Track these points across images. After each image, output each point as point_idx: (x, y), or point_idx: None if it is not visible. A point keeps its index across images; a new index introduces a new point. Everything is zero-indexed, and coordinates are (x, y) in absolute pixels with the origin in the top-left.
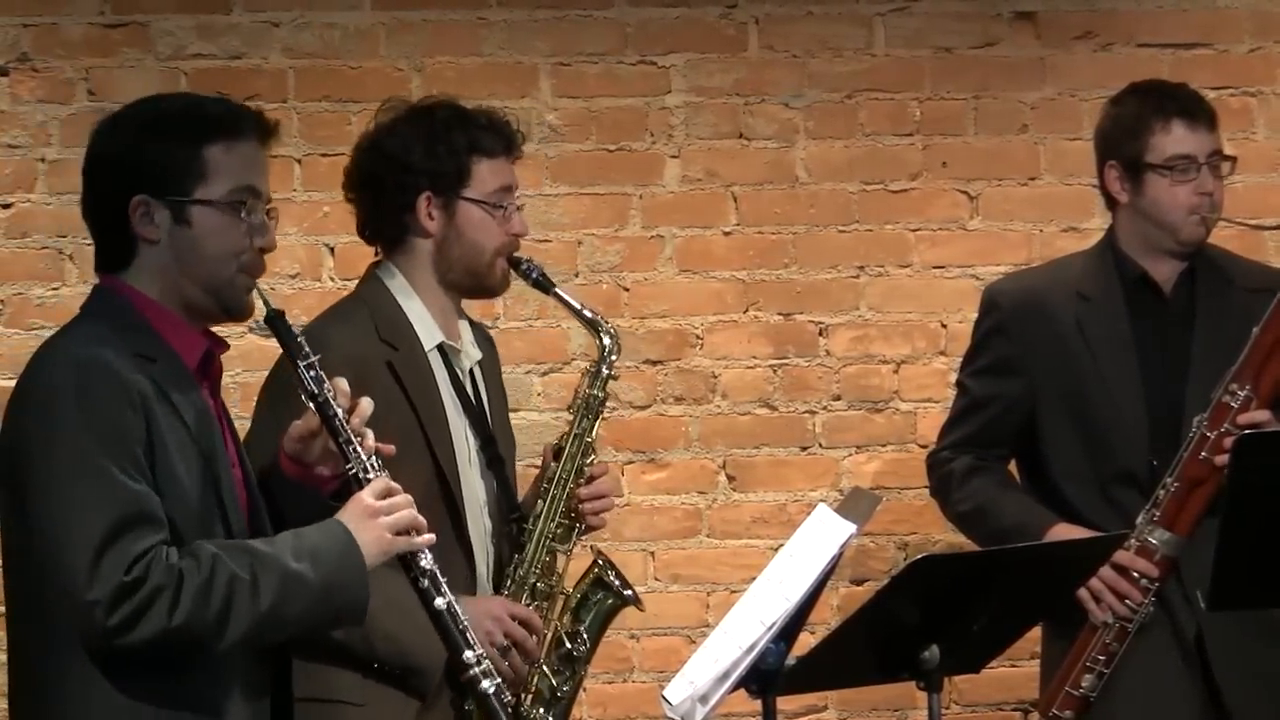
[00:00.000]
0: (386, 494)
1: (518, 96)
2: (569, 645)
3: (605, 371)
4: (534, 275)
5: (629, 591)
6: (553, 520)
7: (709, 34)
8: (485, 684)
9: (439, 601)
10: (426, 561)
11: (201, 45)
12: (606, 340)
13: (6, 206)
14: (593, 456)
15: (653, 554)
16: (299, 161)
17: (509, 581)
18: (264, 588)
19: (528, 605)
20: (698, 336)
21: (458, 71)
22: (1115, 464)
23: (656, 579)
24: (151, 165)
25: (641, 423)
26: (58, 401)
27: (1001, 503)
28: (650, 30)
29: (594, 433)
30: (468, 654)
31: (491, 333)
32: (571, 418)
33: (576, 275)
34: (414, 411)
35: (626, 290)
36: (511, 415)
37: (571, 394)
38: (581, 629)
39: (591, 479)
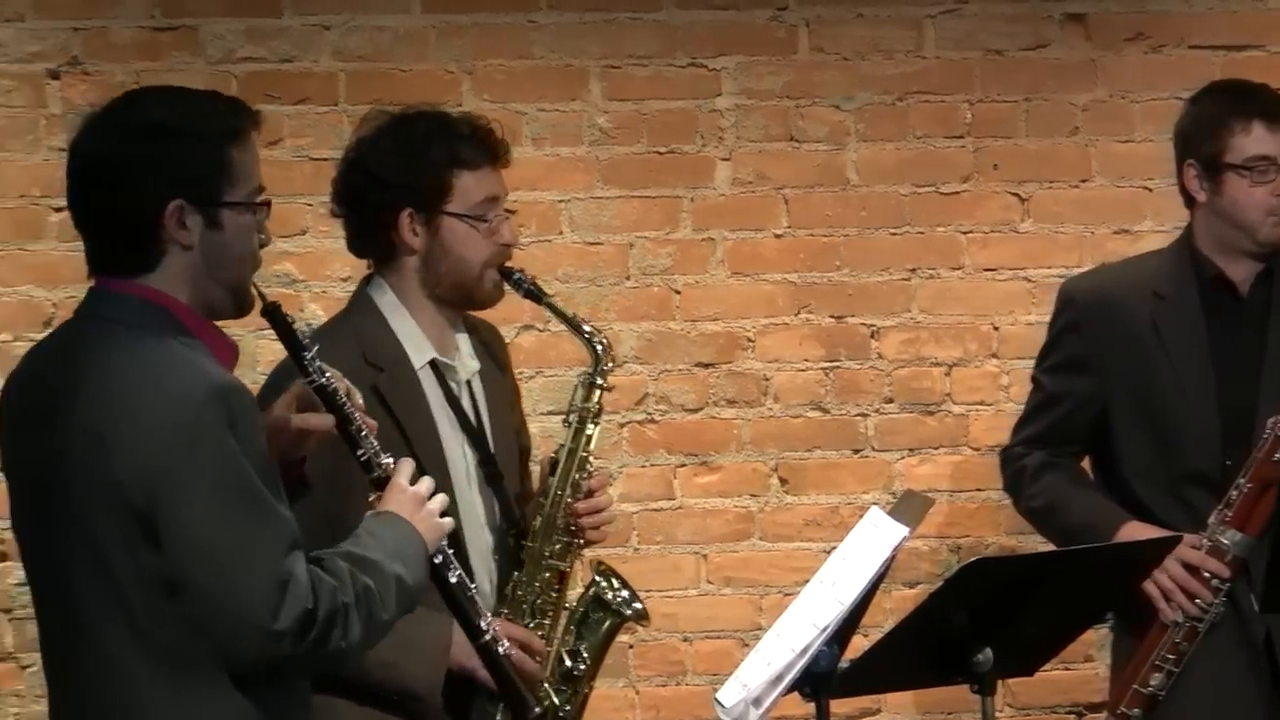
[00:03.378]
0: (415, 478)
1: (568, 99)
2: (569, 664)
3: (599, 383)
4: (525, 286)
5: (633, 606)
6: (550, 537)
7: (759, 36)
8: (500, 649)
9: (451, 576)
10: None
11: (251, 48)
12: (600, 352)
13: (59, 210)
14: (589, 469)
15: (705, 557)
16: None
17: (508, 601)
18: (385, 597)
19: (528, 625)
20: (749, 339)
21: (507, 74)
22: (1186, 463)
23: (709, 582)
24: (186, 169)
25: (693, 425)
26: (206, 432)
27: (1072, 500)
28: (700, 32)
29: (590, 445)
30: (482, 623)
31: (540, 336)
32: (566, 431)
33: (628, 278)
34: (401, 433)
35: (678, 293)
36: (558, 416)
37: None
38: (582, 647)
39: (590, 493)
